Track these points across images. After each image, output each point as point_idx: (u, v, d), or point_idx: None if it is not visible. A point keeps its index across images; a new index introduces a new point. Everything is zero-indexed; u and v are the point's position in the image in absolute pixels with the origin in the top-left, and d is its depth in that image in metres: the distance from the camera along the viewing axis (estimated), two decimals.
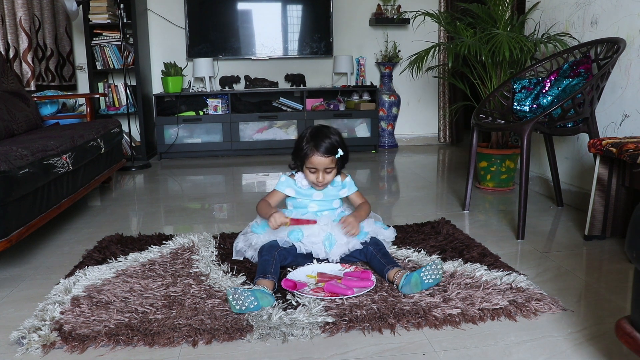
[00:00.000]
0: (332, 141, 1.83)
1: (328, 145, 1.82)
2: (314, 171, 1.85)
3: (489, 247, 2.06)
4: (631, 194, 2.11)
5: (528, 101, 2.58)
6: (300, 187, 1.92)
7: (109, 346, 1.36)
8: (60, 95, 3.79)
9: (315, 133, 1.85)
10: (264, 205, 1.90)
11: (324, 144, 1.82)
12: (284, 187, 1.93)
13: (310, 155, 1.82)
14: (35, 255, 2.13)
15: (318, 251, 1.82)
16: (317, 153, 1.81)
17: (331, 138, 1.84)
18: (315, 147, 1.81)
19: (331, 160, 1.83)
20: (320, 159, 1.82)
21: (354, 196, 1.99)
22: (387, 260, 1.75)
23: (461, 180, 3.41)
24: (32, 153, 2.05)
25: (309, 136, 1.85)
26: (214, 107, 4.59)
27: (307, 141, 1.84)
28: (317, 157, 1.82)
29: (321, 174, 1.84)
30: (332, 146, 1.82)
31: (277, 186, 1.94)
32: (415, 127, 5.28)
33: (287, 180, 1.94)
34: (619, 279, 1.79)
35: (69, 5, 3.64)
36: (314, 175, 1.85)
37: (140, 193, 3.40)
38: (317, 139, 1.82)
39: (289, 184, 1.93)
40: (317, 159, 1.82)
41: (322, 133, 1.85)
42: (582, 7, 2.69)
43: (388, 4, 4.96)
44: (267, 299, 1.52)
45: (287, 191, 1.93)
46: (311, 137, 1.84)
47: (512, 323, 1.46)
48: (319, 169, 1.84)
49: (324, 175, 1.85)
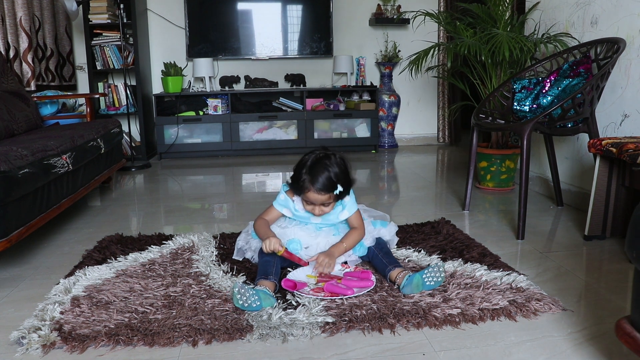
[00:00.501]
0: (330, 176, 1.68)
1: (326, 182, 1.67)
2: (309, 204, 1.75)
3: (489, 247, 2.06)
4: (631, 194, 2.11)
5: (528, 101, 2.58)
6: (297, 210, 1.83)
7: (109, 346, 1.36)
8: (60, 95, 3.79)
9: (314, 165, 1.70)
10: (261, 224, 1.81)
11: (321, 181, 1.67)
12: (281, 207, 1.84)
13: (307, 190, 1.70)
14: (35, 255, 2.13)
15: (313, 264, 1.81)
16: (312, 189, 1.68)
17: (330, 172, 1.68)
18: (312, 182, 1.67)
19: (328, 197, 1.71)
20: (315, 196, 1.70)
21: (351, 218, 1.84)
22: (389, 259, 1.75)
23: (461, 180, 3.41)
24: (32, 153, 2.05)
25: (308, 166, 1.70)
26: (214, 107, 4.59)
27: (306, 172, 1.69)
28: (313, 194, 1.69)
29: (317, 208, 1.74)
30: (330, 183, 1.68)
31: (275, 203, 1.85)
32: (415, 127, 5.28)
33: (286, 200, 1.83)
34: (619, 279, 1.79)
35: (69, 5, 3.64)
36: (309, 207, 1.76)
37: (140, 193, 3.40)
38: (314, 173, 1.68)
39: (287, 205, 1.83)
40: (313, 196, 1.70)
41: (321, 166, 1.69)
42: (582, 7, 2.69)
43: (388, 4, 4.96)
44: (269, 300, 1.52)
45: (284, 211, 1.84)
46: (310, 168, 1.69)
47: (512, 323, 1.46)
48: (315, 204, 1.73)
49: (321, 209, 1.75)
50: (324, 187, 1.68)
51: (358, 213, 1.85)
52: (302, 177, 1.69)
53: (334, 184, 1.69)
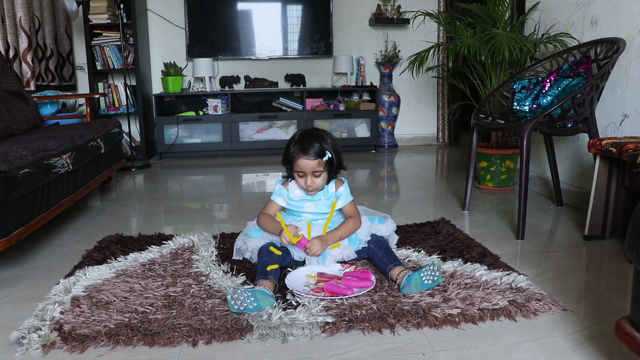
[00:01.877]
0: (319, 143, 1.75)
1: (315, 148, 1.74)
2: (302, 175, 1.78)
3: (489, 247, 2.06)
4: (631, 194, 2.11)
5: (528, 101, 2.58)
6: (292, 197, 1.87)
7: (109, 346, 1.36)
8: (60, 95, 3.79)
9: (302, 135, 1.79)
10: (266, 219, 1.85)
11: (309, 147, 1.74)
12: (277, 197, 1.89)
13: (297, 159, 1.76)
14: (35, 255, 2.13)
15: (311, 259, 1.82)
16: (302, 156, 1.75)
17: (319, 140, 1.76)
18: (301, 149, 1.75)
19: (318, 163, 1.75)
20: (306, 162, 1.75)
21: (346, 207, 1.88)
22: (390, 258, 1.74)
23: (461, 180, 3.41)
24: (32, 153, 2.05)
25: (296, 139, 1.78)
26: (213, 107, 4.59)
27: (294, 144, 1.77)
28: (303, 160, 1.75)
29: (309, 177, 1.77)
30: (319, 149, 1.75)
31: (272, 196, 1.90)
32: (415, 127, 5.28)
33: (280, 189, 1.89)
34: (619, 279, 1.79)
35: (69, 5, 3.64)
36: (302, 180, 1.79)
37: (140, 193, 3.40)
38: (303, 142, 1.76)
39: (281, 194, 1.89)
40: (303, 162, 1.75)
41: (309, 135, 1.78)
42: (582, 7, 2.69)
43: (388, 4, 4.96)
44: (267, 300, 1.52)
45: (279, 201, 1.89)
46: (298, 139, 1.77)
47: (512, 323, 1.46)
48: (307, 173, 1.77)
49: (313, 179, 1.78)
50: (313, 153, 1.74)
51: (353, 203, 1.90)
52: (291, 149, 1.77)
53: (323, 149, 1.75)
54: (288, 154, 1.79)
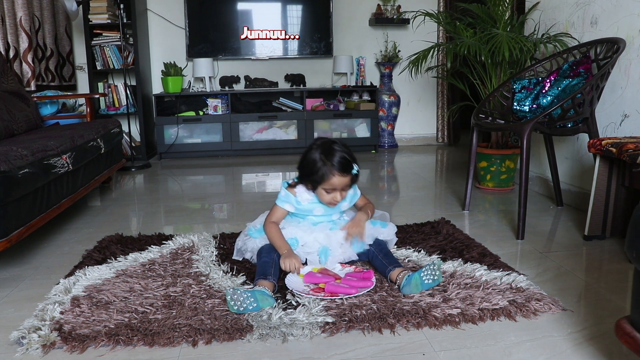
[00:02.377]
0: (346, 157, 1.73)
1: (345, 163, 1.72)
2: (331, 191, 1.76)
3: (489, 247, 2.06)
4: (631, 194, 2.11)
5: (528, 101, 2.58)
6: (300, 202, 1.84)
7: (109, 346, 1.36)
8: (60, 95, 3.79)
9: (328, 152, 1.73)
10: (274, 231, 1.82)
11: (341, 163, 1.71)
12: (284, 204, 1.85)
13: (331, 177, 1.71)
14: (35, 255, 2.13)
15: (313, 261, 1.81)
16: (338, 174, 1.71)
17: (344, 153, 1.73)
18: (334, 167, 1.70)
19: (350, 178, 1.76)
20: (341, 180, 1.73)
21: (358, 201, 1.94)
22: (389, 260, 1.75)
23: (461, 180, 3.41)
24: (32, 153, 2.05)
25: (322, 156, 1.72)
26: (213, 107, 4.59)
27: (323, 162, 1.71)
28: (339, 178, 1.72)
29: (339, 193, 1.76)
30: (348, 162, 1.73)
31: (278, 201, 1.86)
32: (415, 127, 5.28)
33: (287, 195, 1.84)
34: (619, 279, 1.79)
35: (69, 5, 3.64)
36: (330, 196, 1.76)
37: (140, 193, 3.40)
38: (333, 158, 1.71)
39: (289, 200, 1.84)
40: (338, 180, 1.72)
41: (335, 150, 1.73)
42: (582, 7, 2.69)
43: (388, 4, 4.96)
44: (267, 301, 1.52)
45: (286, 207, 1.85)
46: (326, 156, 1.72)
47: (512, 323, 1.46)
48: (337, 189, 1.75)
49: (342, 194, 1.78)
50: (345, 168, 1.72)
51: (362, 196, 1.97)
52: (322, 168, 1.72)
53: (351, 163, 1.74)
54: (316, 172, 1.72)
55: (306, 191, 1.83)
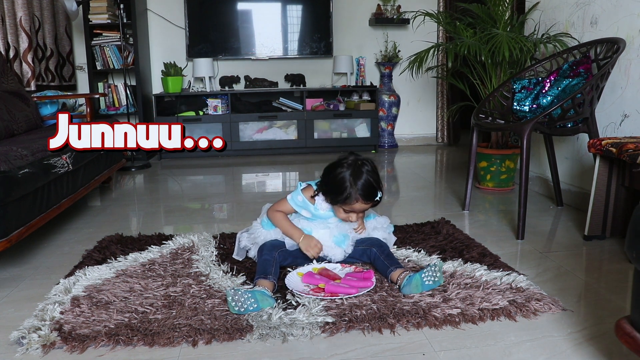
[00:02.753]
0: (373, 185, 1.72)
1: (371, 191, 1.71)
2: (349, 212, 1.76)
3: (489, 247, 2.06)
4: (631, 194, 2.11)
5: (528, 101, 2.58)
6: (317, 209, 1.83)
7: (109, 346, 1.36)
8: (60, 95, 3.79)
9: (358, 175, 1.70)
10: (283, 218, 1.82)
11: (368, 191, 1.70)
12: (299, 208, 1.84)
13: (353, 202, 1.71)
14: (35, 255, 2.13)
15: (327, 251, 1.82)
16: (361, 201, 1.71)
17: (372, 180, 1.71)
18: (359, 192, 1.69)
19: (371, 205, 1.76)
20: (362, 206, 1.73)
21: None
22: (391, 261, 1.75)
23: (461, 180, 3.41)
24: (32, 153, 2.05)
25: (351, 179, 1.69)
26: (213, 107, 4.59)
27: (351, 185, 1.69)
28: (360, 205, 1.72)
29: (356, 215, 1.77)
30: (374, 191, 1.72)
31: (290, 201, 1.84)
32: (415, 127, 5.28)
33: (304, 202, 1.83)
34: (619, 279, 1.79)
35: (69, 5, 3.64)
36: (346, 215, 1.77)
37: (140, 193, 3.40)
38: (360, 184, 1.69)
39: (306, 207, 1.83)
40: (359, 206, 1.73)
41: (364, 175, 1.70)
42: (582, 7, 2.69)
43: (388, 4, 4.96)
44: (267, 301, 1.51)
45: (302, 212, 1.84)
46: (354, 180, 1.69)
47: (512, 323, 1.46)
48: (355, 212, 1.76)
49: (359, 216, 1.79)
50: (370, 197, 1.72)
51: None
52: (348, 190, 1.69)
53: (376, 191, 1.74)
54: (341, 193, 1.70)
55: (325, 201, 1.81)
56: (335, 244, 1.83)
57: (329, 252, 1.83)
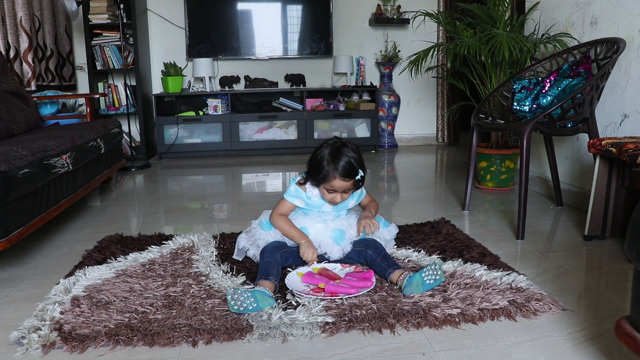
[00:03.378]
0: (352, 162, 1.75)
1: (349, 168, 1.74)
2: (331, 192, 1.79)
3: (489, 247, 2.06)
4: (631, 194, 2.11)
5: (528, 101, 2.58)
6: (310, 197, 1.86)
7: (109, 346, 1.36)
8: (60, 95, 3.79)
9: (335, 154, 1.75)
10: (286, 222, 1.84)
11: (346, 167, 1.73)
12: (293, 198, 1.87)
13: (331, 179, 1.74)
14: (35, 255, 2.13)
15: (325, 247, 1.83)
16: (338, 177, 1.74)
17: (351, 159, 1.75)
18: (337, 170, 1.73)
19: (352, 183, 1.78)
20: (341, 183, 1.75)
21: (364, 200, 2.00)
22: (388, 263, 1.75)
23: (461, 180, 3.41)
24: (32, 153, 2.05)
25: (329, 157, 1.75)
26: (213, 107, 4.59)
27: (328, 162, 1.74)
28: (339, 181, 1.75)
29: (339, 195, 1.79)
30: (353, 169, 1.75)
31: (287, 196, 1.87)
32: (415, 127, 5.28)
33: (297, 190, 1.86)
34: (618, 279, 1.79)
35: (69, 5, 3.64)
36: (330, 196, 1.80)
37: (140, 193, 3.40)
38: (338, 161, 1.74)
39: (299, 195, 1.86)
40: (338, 183, 1.75)
41: (342, 154, 1.75)
42: (582, 7, 2.69)
43: (388, 4, 4.96)
44: (267, 301, 1.51)
45: (296, 202, 1.87)
46: (332, 157, 1.74)
47: (512, 323, 1.46)
48: (338, 191, 1.78)
49: (342, 196, 1.80)
50: (348, 174, 1.74)
51: (367, 195, 2.02)
52: (325, 168, 1.75)
53: (356, 169, 1.76)
54: (319, 171, 1.76)
55: (315, 192, 1.85)
56: (333, 241, 1.83)
57: (327, 249, 1.83)
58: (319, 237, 1.85)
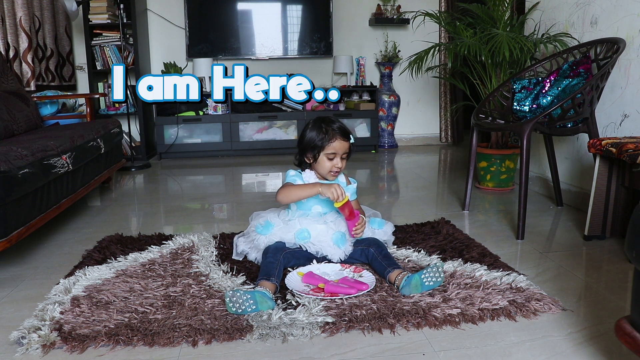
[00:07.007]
0: (343, 125, 1.89)
1: (345, 128, 1.88)
2: (332, 157, 1.86)
3: (489, 247, 2.06)
4: (631, 194, 2.11)
5: (528, 101, 2.58)
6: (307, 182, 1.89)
7: (108, 346, 1.36)
8: (60, 95, 3.79)
9: (326, 122, 1.88)
10: (290, 187, 1.84)
11: (342, 128, 1.87)
12: (294, 179, 1.91)
13: (333, 140, 1.84)
14: (35, 255, 2.13)
15: (326, 250, 1.82)
16: (338, 137, 1.84)
17: (340, 122, 1.89)
18: (335, 131, 1.84)
19: (348, 146, 1.88)
20: (342, 143, 1.85)
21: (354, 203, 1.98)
22: (389, 262, 1.75)
23: (461, 180, 3.41)
24: (32, 153, 2.05)
25: (323, 125, 1.86)
26: (213, 107, 4.59)
27: (324, 129, 1.85)
28: (339, 142, 1.84)
29: (339, 158, 1.86)
30: (347, 130, 1.88)
31: (288, 179, 1.92)
32: (415, 127, 5.28)
33: (297, 174, 1.93)
34: (618, 279, 1.79)
35: (69, 5, 3.64)
36: (331, 163, 1.86)
37: (140, 193, 3.40)
38: (332, 124, 1.86)
39: (299, 178, 1.92)
40: (339, 144, 1.84)
41: (332, 121, 1.89)
42: (582, 7, 2.69)
43: (388, 4, 4.96)
44: (266, 303, 1.50)
45: (297, 182, 1.90)
46: (326, 124, 1.86)
47: (512, 323, 1.46)
48: (338, 154, 1.86)
49: (342, 162, 1.88)
50: (345, 133, 1.87)
51: (357, 201, 2.04)
52: (323, 133, 1.85)
53: (348, 130, 1.89)
54: (318, 139, 1.84)
55: (314, 177, 1.91)
56: (334, 244, 1.83)
57: (328, 252, 1.83)
58: (320, 239, 1.84)
